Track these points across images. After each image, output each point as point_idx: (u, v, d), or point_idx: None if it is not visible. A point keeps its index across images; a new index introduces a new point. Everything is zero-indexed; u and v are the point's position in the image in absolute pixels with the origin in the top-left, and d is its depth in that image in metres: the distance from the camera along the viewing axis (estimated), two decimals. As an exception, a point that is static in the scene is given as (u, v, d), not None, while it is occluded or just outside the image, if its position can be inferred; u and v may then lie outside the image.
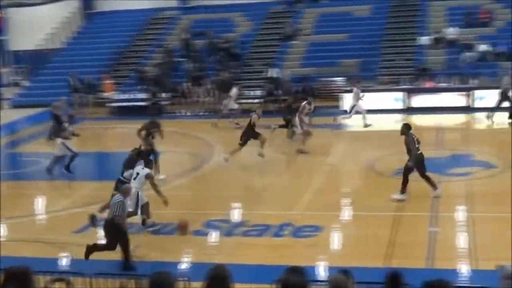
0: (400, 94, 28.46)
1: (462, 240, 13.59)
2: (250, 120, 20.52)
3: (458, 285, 11.08)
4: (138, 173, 14.36)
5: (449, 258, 12.59)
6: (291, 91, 29.98)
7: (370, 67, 31.50)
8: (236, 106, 27.78)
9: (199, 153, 22.73)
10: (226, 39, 34.63)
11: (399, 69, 31.30)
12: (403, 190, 15.87)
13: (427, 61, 31.41)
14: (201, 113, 30.54)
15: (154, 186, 14.36)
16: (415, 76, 29.81)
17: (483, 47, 30.66)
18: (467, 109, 27.48)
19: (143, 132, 19.18)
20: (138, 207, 14.17)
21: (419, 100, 28.31)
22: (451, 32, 32.18)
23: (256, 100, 29.35)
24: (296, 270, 6.95)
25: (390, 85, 29.33)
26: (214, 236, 14.38)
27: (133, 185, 13.93)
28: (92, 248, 12.70)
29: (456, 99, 28.04)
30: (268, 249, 13.37)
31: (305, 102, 22.80)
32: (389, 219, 14.71)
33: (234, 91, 28.07)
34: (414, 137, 16.02)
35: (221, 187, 18.57)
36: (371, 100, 26.89)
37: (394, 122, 25.99)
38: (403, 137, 16.07)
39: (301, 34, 34.99)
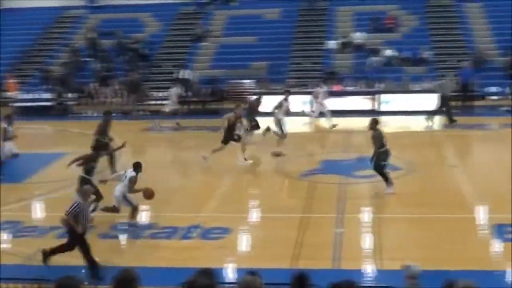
0: (308, 97, 28.77)
1: (367, 241, 13.82)
2: (229, 119, 19.82)
3: (364, 285, 11.26)
4: (126, 176, 14.42)
5: (355, 258, 12.78)
6: (200, 92, 29.89)
7: (279, 70, 31.77)
8: (177, 106, 27.12)
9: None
10: (135, 39, 34.19)
11: (308, 73, 31.71)
12: (389, 183, 16.35)
13: (335, 65, 31.94)
14: (108, 114, 29.88)
15: (133, 188, 14.34)
16: (323, 79, 30.22)
17: (388, 52, 31.45)
18: (373, 113, 28.05)
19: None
20: (133, 203, 14.39)
21: (326, 103, 28.68)
22: (358, 37, 32.85)
23: (165, 102, 29.05)
24: (205, 272, 6.88)
25: (298, 88, 29.62)
26: (122, 239, 14.12)
27: (120, 187, 14.26)
28: (51, 253, 12.34)
29: (363, 102, 28.61)
30: (176, 251, 13.24)
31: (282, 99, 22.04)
32: (296, 221, 14.81)
33: (174, 90, 27.34)
34: (382, 132, 16.44)
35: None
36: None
37: (302, 125, 26.33)
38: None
39: (211, 36, 34.94)
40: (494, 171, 18.79)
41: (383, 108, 28.15)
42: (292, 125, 25.93)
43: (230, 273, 12.06)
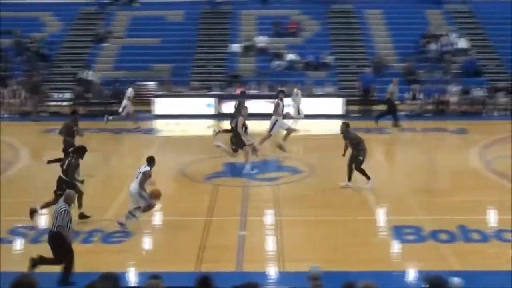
0: (211, 100, 28.76)
1: (270, 243, 13.91)
2: (237, 123, 19.38)
3: (267, 287, 11.32)
4: (140, 173, 14.38)
5: (258, 260, 12.83)
6: (102, 94, 29.35)
7: (183, 72, 31.61)
8: (132, 108, 26.31)
9: (2, 157, 21.50)
10: (34, 38, 33.23)
11: (211, 75, 31.70)
12: (368, 177, 17.14)
13: (238, 68, 32.07)
14: (6, 115, 28.86)
15: (143, 183, 14.28)
16: (227, 82, 30.29)
17: (291, 57, 31.83)
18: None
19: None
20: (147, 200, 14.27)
21: (230, 106, 28.71)
22: (261, 40, 33.11)
23: (65, 103, 28.37)
24: (107, 277, 6.73)
25: (202, 91, 29.56)
26: (19, 244, 13.67)
27: (134, 183, 14.21)
28: (39, 261, 11.52)
29: (266, 105, 28.76)
30: (76, 255, 12.88)
31: (278, 98, 22.14)
32: (200, 224, 14.75)
33: (130, 91, 26.47)
34: (355, 133, 17.50)
35: (29, 193, 17.62)
36: (183, 105, 26.99)
37: (205, 128, 26.28)
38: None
39: (113, 37, 34.38)
40: (392, 174, 19.31)
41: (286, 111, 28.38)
42: (196, 128, 25.91)
43: (132, 277, 11.86)
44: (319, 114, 27.16)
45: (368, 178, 17.27)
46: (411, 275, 12.51)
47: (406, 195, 17.03)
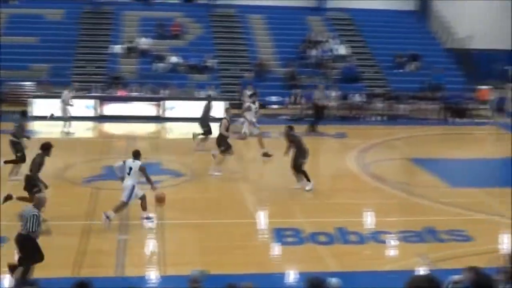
0: (91, 102, 28.16)
1: (151, 247, 13.75)
2: (221, 125, 19.51)
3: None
4: (131, 168, 14.51)
5: (139, 265, 12.65)
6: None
7: (62, 73, 30.73)
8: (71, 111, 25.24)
9: None
10: None
11: (92, 77, 31.02)
12: (308, 179, 17.71)
13: (120, 69, 31.56)
14: None
15: (147, 176, 14.69)
16: (108, 84, 29.75)
17: (174, 59, 31.66)
18: (158, 119, 28.09)
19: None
20: (130, 199, 14.53)
21: (111, 108, 28.27)
22: (144, 42, 32.74)
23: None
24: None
25: (82, 92, 28.87)
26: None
27: (130, 180, 14.45)
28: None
29: (148, 108, 28.52)
30: None
31: (250, 101, 22.65)
32: (79, 228, 14.37)
33: (65, 93, 25.49)
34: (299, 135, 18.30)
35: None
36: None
37: (85, 130, 25.69)
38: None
39: (-11, 35, 33.04)
40: (272, 178, 19.52)
41: (168, 114, 28.26)
42: (73, 129, 25.23)
43: (6, 284, 11.38)
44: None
45: (308, 180, 17.76)
46: (291, 276, 12.69)
47: (286, 198, 17.28)
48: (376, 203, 17.72)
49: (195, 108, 27.00)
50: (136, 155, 14.76)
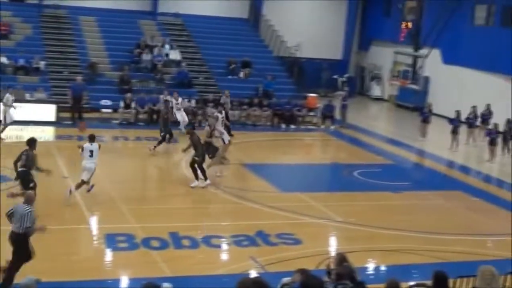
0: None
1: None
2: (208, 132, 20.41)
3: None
4: (92, 151, 16.81)
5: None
6: None
7: None
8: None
9: None
10: None
11: None
12: (197, 178, 18.93)
13: None
14: None
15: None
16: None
17: (2, 60, 30.23)
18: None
19: None
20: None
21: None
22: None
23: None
24: None
25: None
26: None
27: (93, 160, 16.84)
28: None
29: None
30: None
31: (216, 111, 23.15)
32: None
33: (7, 97, 24.20)
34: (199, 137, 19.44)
35: None
36: None
37: None
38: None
39: None
40: (104, 182, 19.14)
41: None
42: None
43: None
44: (30, 121, 26.08)
45: (197, 178, 18.99)
46: (124, 282, 12.61)
47: (119, 203, 17.11)
48: (209, 207, 18.01)
49: (24, 111, 26.09)
50: (92, 138, 17.05)
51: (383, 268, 14.27)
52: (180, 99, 27.31)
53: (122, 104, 28.44)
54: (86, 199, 17.07)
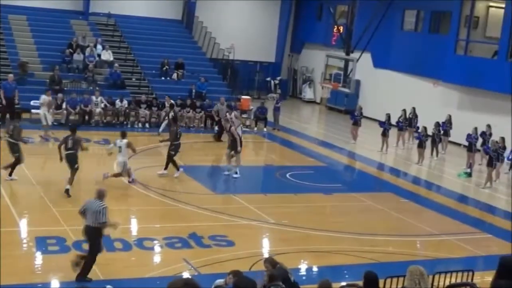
0: None
1: None
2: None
3: None
4: (120, 147, 19.04)
5: None
6: None
7: None
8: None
9: None
10: None
11: None
12: (166, 168, 21.04)
13: None
14: None
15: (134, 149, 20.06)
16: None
17: None
18: None
19: None
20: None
21: None
22: None
23: None
24: None
25: None
26: None
27: (121, 157, 19.14)
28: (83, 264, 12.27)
29: None
30: None
31: (232, 113, 23.00)
32: None
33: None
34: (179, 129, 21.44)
35: None
36: None
37: None
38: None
39: None
40: (33, 185, 18.77)
41: None
42: None
43: None
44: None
45: (166, 168, 21.02)
46: (56, 286, 12.42)
47: (49, 206, 16.81)
48: (142, 209, 17.87)
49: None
50: (124, 135, 19.41)
51: (315, 269, 14.45)
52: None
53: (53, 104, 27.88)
54: (16, 202, 16.72)
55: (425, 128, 26.70)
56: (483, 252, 16.56)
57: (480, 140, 26.43)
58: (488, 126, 26.75)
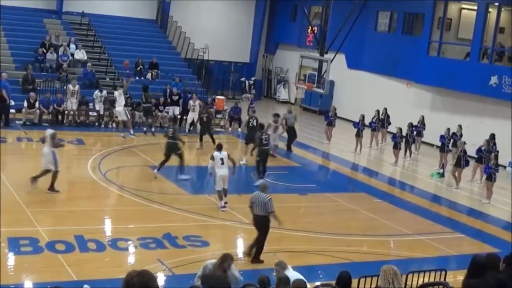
0: None
1: None
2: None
3: None
4: (222, 158, 18.06)
5: None
6: None
7: None
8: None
9: None
10: None
11: None
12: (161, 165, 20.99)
13: None
14: None
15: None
16: None
17: None
18: None
19: None
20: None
21: None
22: None
23: None
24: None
25: None
26: None
27: (224, 168, 18.18)
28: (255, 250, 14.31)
29: None
30: None
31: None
32: None
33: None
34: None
35: None
36: None
37: None
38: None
39: None
40: (5, 184, 18.60)
41: None
42: None
43: None
44: None
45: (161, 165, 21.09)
46: (28, 287, 12.32)
47: (22, 206, 16.66)
48: (116, 210, 17.80)
49: None
50: (220, 147, 18.35)
51: (290, 269, 14.47)
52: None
53: (25, 104, 27.67)
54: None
55: (400, 129, 26.89)
56: (456, 251, 16.74)
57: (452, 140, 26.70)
58: (459, 126, 27.04)
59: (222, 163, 17.99)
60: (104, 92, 28.54)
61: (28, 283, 12.55)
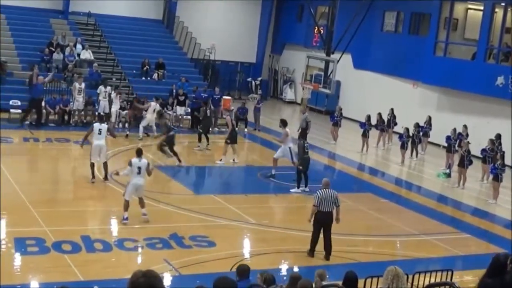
0: None
1: None
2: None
3: None
4: (140, 167, 16.09)
5: None
6: None
7: None
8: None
9: None
10: None
11: None
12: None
13: None
14: None
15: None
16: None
17: None
18: None
19: None
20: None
21: None
22: None
23: None
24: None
25: None
26: None
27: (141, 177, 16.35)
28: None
29: None
30: None
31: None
32: None
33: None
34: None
35: None
36: None
37: None
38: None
39: None
40: (12, 185, 18.63)
41: None
42: None
43: None
44: None
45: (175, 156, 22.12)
46: (34, 287, 12.35)
47: (28, 206, 16.69)
48: (122, 210, 17.76)
49: None
50: (140, 153, 16.36)
51: (295, 269, 14.47)
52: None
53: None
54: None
55: (407, 129, 26.85)
56: (462, 252, 16.71)
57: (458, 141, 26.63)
58: (465, 126, 26.98)
59: (139, 172, 16.15)
60: (108, 88, 28.50)
61: (34, 283, 12.58)
